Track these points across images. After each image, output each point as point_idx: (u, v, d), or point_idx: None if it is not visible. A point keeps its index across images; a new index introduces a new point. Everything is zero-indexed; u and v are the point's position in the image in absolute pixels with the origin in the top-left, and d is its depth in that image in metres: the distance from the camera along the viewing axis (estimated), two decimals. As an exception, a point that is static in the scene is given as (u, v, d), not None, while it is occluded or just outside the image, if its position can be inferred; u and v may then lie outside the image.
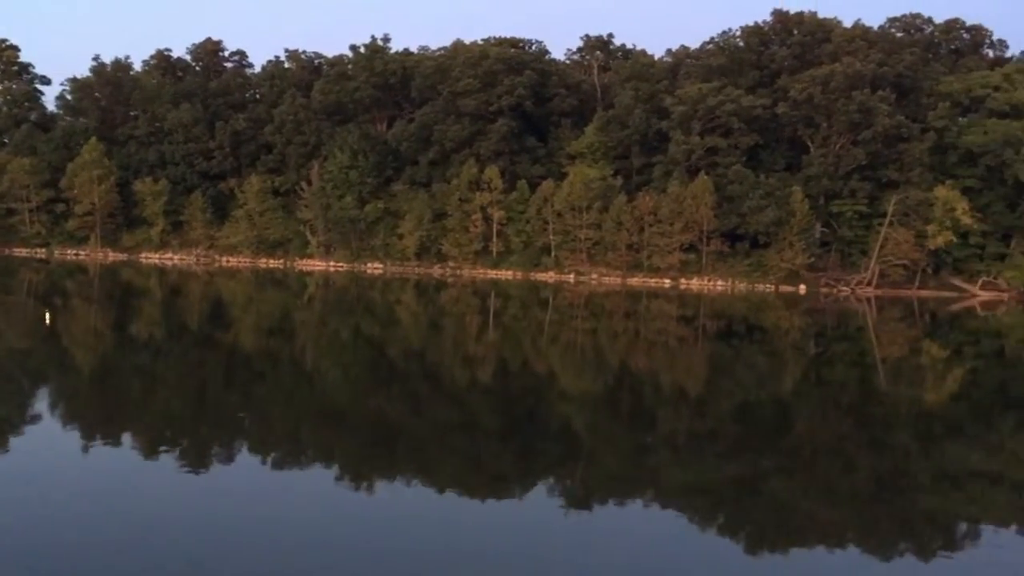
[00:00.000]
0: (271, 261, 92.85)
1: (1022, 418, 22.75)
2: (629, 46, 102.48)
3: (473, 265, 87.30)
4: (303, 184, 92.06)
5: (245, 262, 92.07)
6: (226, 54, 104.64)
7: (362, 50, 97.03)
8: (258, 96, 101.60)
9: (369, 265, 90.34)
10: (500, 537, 11.35)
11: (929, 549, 11.82)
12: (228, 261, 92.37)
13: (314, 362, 27.75)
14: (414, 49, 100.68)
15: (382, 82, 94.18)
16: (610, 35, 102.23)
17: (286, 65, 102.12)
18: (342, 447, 16.25)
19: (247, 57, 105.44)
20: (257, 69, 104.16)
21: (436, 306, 53.78)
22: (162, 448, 15.15)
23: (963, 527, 12.96)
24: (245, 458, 15.01)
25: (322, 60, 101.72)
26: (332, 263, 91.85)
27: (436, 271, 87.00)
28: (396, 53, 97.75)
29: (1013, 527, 12.97)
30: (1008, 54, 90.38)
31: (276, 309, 47.51)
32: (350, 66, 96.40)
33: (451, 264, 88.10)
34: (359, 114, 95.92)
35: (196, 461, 14.44)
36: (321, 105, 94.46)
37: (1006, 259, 78.57)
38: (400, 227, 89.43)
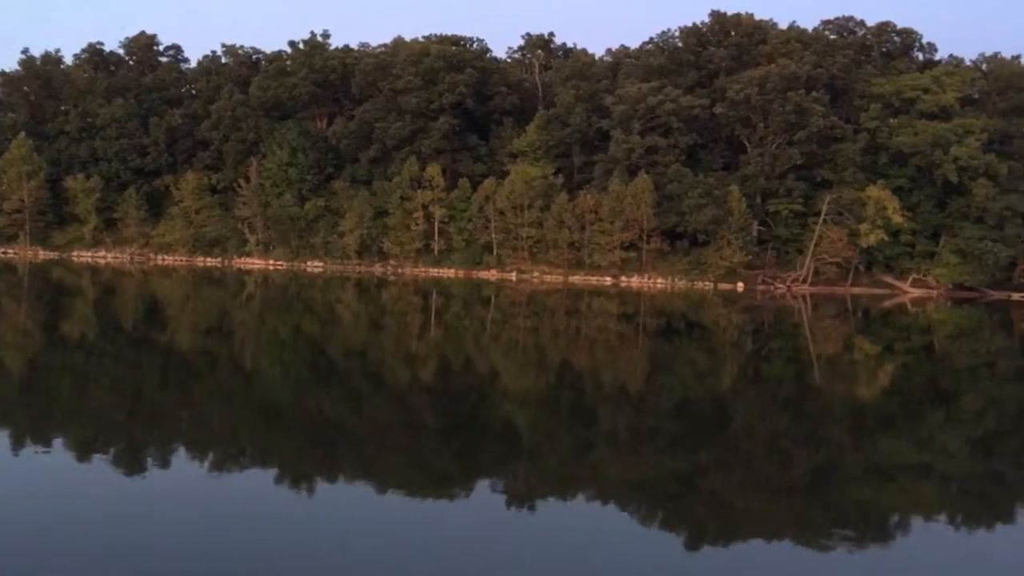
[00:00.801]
0: (208, 260, 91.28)
1: (951, 412, 23.42)
2: (570, 45, 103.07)
3: (414, 263, 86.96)
4: (241, 181, 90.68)
5: (181, 261, 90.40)
6: (161, 48, 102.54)
7: (301, 46, 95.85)
8: (194, 91, 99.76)
9: (309, 263, 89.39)
10: (443, 536, 11.32)
11: (862, 540, 12.10)
12: (163, 260, 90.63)
13: (253, 362, 27.35)
14: (354, 46, 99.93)
15: (322, 79, 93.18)
16: (551, 34, 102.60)
17: (223, 60, 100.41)
18: (281, 448, 16.04)
19: (182, 51, 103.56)
20: (193, 64, 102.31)
21: (377, 304, 53.43)
22: (94, 451, 14.79)
23: (894, 518, 13.30)
24: (181, 460, 14.72)
25: (260, 56, 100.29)
26: (271, 261, 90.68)
27: (377, 269, 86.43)
28: (336, 50, 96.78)
29: (942, 517, 13.34)
30: (937, 57, 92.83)
31: (213, 308, 46.71)
32: (289, 62, 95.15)
33: (392, 262, 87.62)
34: (298, 111, 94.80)
35: (129, 464, 14.13)
36: (259, 101, 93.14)
37: (935, 257, 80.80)
38: (340, 225, 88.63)
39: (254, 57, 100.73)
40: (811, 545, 11.68)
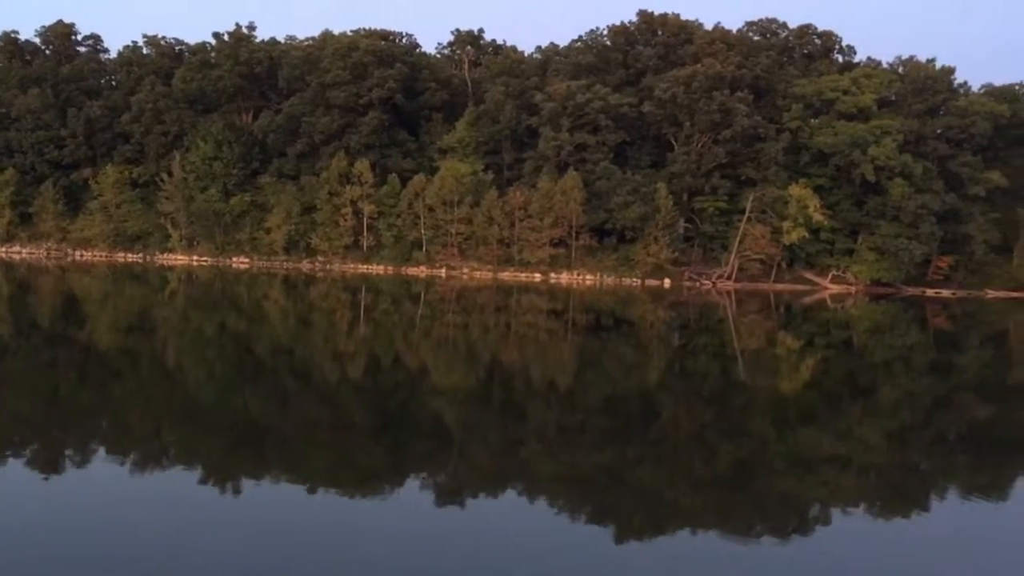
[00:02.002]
0: (129, 255, 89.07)
1: (868, 405, 24.13)
2: (499, 42, 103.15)
3: (343, 260, 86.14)
4: (164, 175, 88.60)
5: (101, 256, 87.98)
6: (79, 38, 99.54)
7: (226, 38, 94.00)
8: (114, 83, 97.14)
9: (235, 259, 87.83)
10: (371, 535, 11.24)
11: (784, 530, 12.40)
12: (82, 255, 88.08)
13: (176, 360, 26.75)
14: (281, 38, 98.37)
15: (247, 71, 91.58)
16: (480, 30, 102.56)
17: (144, 51, 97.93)
18: (206, 448, 15.72)
19: (102, 42, 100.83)
20: (113, 54, 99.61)
21: (305, 301, 52.75)
22: (8, 453, 14.29)
23: (815, 509, 13.65)
24: (100, 462, 14.32)
25: (183, 47, 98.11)
26: (195, 257, 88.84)
27: (305, 266, 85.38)
28: (262, 42, 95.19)
29: (861, 507, 13.74)
30: (856, 59, 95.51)
31: (135, 305, 45.53)
32: (213, 54, 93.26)
33: (320, 259, 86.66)
34: (223, 104, 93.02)
35: (46, 466, 13.70)
36: (183, 93, 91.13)
37: (854, 254, 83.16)
38: (267, 220, 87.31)
39: (177, 48, 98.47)
40: (735, 536, 11.92)
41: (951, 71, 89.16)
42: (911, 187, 79.17)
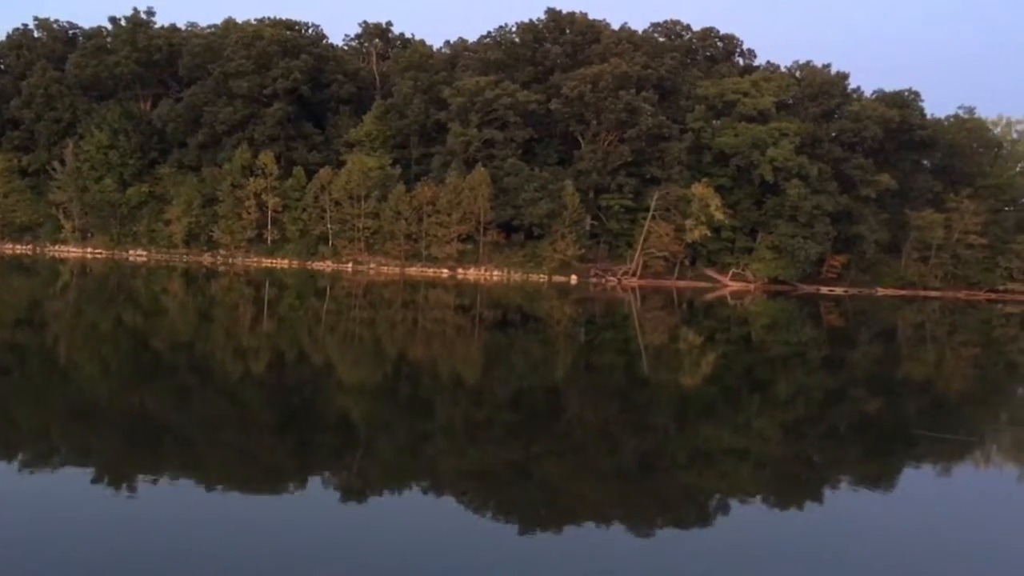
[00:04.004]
0: (18, 247, 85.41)
1: (766, 399, 24.87)
2: (408, 36, 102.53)
3: (246, 253, 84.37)
4: (56, 164, 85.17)
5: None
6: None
7: (123, 23, 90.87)
8: (2, 67, 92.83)
9: (132, 252, 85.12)
10: (273, 534, 11.03)
11: (686, 522, 12.68)
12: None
13: (68, 356, 25.73)
14: (181, 25, 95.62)
15: (146, 58, 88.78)
16: (388, 23, 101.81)
17: (36, 34, 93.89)
18: (99, 447, 15.17)
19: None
20: (1, 37, 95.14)
21: (206, 295, 51.42)
22: None
23: (715, 501, 13.99)
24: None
25: (78, 31, 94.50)
26: (89, 250, 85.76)
27: (206, 259, 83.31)
28: (161, 28, 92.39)
29: (758, 497, 14.15)
30: (756, 62, 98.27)
31: (23, 299, 43.60)
32: (109, 39, 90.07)
33: (222, 252, 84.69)
34: (120, 91, 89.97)
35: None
36: (76, 79, 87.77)
37: (753, 252, 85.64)
38: (166, 212, 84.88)
39: (71, 32, 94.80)
40: (638, 529, 12.13)
41: (845, 76, 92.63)
42: (807, 188, 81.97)
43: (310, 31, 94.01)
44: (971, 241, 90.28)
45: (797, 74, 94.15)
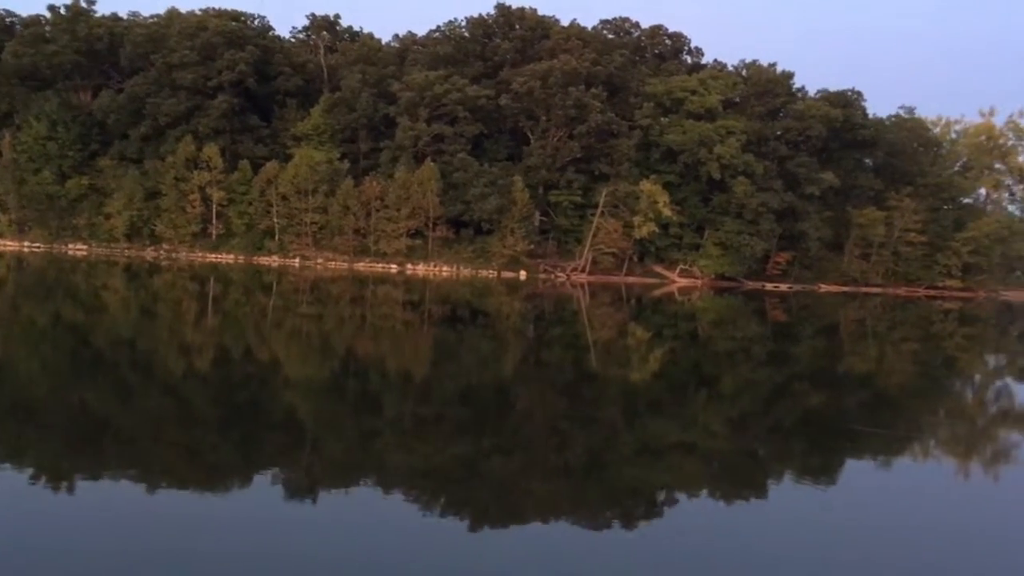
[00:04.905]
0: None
1: (712, 393, 25.16)
2: (356, 29, 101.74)
3: (190, 248, 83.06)
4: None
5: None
6: None
7: (63, 11, 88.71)
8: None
9: (71, 246, 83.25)
10: (218, 532, 10.86)
11: (632, 516, 12.77)
12: None
13: (2, 352, 25.05)
14: (123, 14, 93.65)
15: (86, 47, 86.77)
16: (337, 16, 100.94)
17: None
18: (37, 445, 14.78)
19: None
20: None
21: (149, 291, 50.46)
22: None
23: (662, 494, 14.11)
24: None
25: (15, 19, 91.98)
26: (27, 243, 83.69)
27: (149, 254, 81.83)
28: (102, 17, 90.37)
29: (704, 491, 14.32)
30: (704, 61, 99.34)
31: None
32: (48, 28, 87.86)
33: (166, 247, 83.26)
34: (59, 81, 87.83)
35: None
36: (13, 68, 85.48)
37: (700, 249, 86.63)
38: (107, 206, 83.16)
39: (8, 20, 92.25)
40: (586, 523, 12.19)
41: (790, 76, 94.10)
42: (753, 185, 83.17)
43: (256, 22, 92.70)
44: (911, 239, 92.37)
45: (743, 73, 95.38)
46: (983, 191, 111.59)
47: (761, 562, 10.90)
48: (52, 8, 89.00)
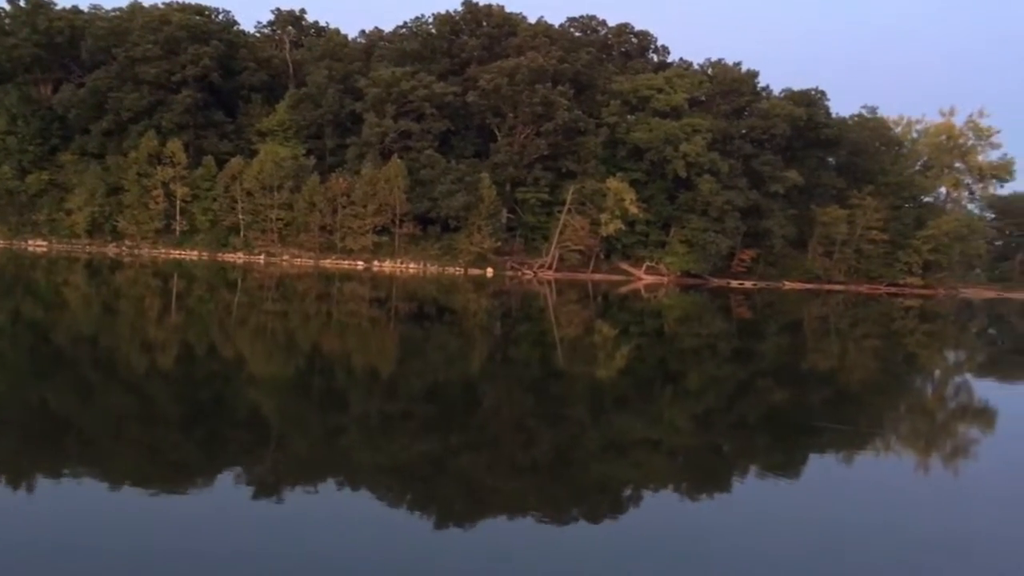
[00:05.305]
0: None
1: (678, 390, 25.32)
2: (322, 24, 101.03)
3: (153, 244, 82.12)
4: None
5: None
6: None
7: (22, 3, 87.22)
8: None
9: (31, 242, 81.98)
10: (181, 531, 10.74)
11: (598, 512, 12.82)
12: None
13: (-39, 350, 24.59)
14: (84, 7, 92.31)
15: (46, 41, 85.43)
16: (302, 11, 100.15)
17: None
18: (-5, 445, 14.52)
19: None
20: None
21: (111, 287, 49.78)
22: None
23: (628, 491, 14.18)
24: None
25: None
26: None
27: (111, 250, 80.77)
28: (63, 10, 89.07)
29: (670, 487, 14.41)
30: (670, 59, 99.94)
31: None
32: (8, 20, 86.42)
33: (128, 243, 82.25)
34: (18, 74, 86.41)
35: None
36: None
37: (666, 246, 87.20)
38: (68, 201, 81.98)
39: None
40: (553, 519, 12.21)
41: (755, 75, 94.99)
42: (718, 183, 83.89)
43: (220, 17, 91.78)
44: (873, 237, 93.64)
45: (709, 71, 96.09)
46: (943, 190, 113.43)
47: (725, 556, 10.99)
48: (11, 0, 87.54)
